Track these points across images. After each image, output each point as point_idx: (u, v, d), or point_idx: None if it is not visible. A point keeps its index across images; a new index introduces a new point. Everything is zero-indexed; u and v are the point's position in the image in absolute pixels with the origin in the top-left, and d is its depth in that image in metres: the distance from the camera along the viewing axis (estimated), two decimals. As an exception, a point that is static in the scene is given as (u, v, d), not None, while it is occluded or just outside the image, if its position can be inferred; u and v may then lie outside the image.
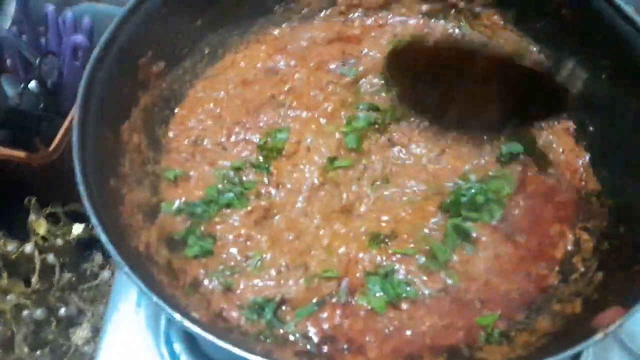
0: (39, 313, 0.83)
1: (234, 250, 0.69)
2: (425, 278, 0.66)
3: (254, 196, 0.73)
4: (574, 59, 0.70)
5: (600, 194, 0.70)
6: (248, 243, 0.70)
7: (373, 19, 0.88)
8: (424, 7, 0.86)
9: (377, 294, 0.65)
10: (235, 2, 0.81)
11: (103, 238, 0.53)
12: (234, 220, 0.71)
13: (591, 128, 0.75)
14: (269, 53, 0.85)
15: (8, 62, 1.03)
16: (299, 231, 0.71)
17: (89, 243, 0.98)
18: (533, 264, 0.67)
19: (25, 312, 0.83)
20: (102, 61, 0.66)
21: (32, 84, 0.97)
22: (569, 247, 0.68)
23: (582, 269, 0.65)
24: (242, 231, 0.70)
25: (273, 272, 0.67)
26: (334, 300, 0.65)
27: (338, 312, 0.64)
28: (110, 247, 0.53)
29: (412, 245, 0.69)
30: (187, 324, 0.50)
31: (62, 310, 0.86)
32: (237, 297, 0.66)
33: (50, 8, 1.00)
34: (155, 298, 0.50)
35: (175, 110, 0.79)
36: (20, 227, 0.95)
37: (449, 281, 0.66)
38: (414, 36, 0.83)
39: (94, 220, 0.54)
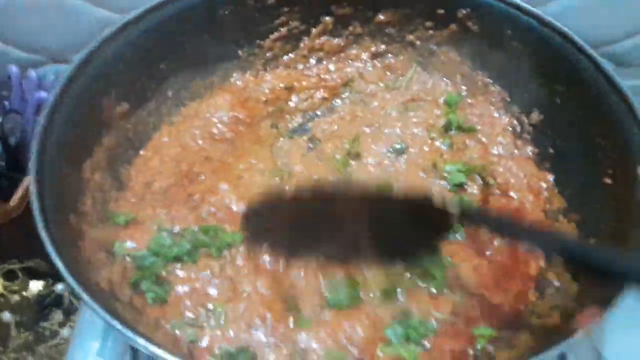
0: (-9, 374, 0.77)
1: (189, 302, 0.66)
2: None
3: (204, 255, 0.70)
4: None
5: (567, 210, 0.71)
6: (206, 295, 0.66)
7: (332, 65, 0.91)
8: (382, 47, 0.89)
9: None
10: (198, 47, 0.83)
11: (61, 268, 0.50)
12: (186, 273, 0.68)
13: (551, 150, 0.76)
14: (233, 104, 0.85)
15: (-31, 121, 1.01)
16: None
17: (47, 301, 0.94)
18: (510, 279, 0.66)
19: (-24, 374, 0.77)
20: (63, 98, 0.65)
21: (-6, 143, 0.96)
22: (542, 264, 0.67)
23: (557, 283, 0.64)
24: (197, 284, 0.67)
25: (243, 326, 0.64)
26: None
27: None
28: (69, 279, 0.50)
29: None
30: (154, 349, 0.47)
31: (18, 371, 0.80)
32: (205, 350, 0.62)
33: (14, 68, 1.00)
34: (119, 326, 0.47)
35: (140, 152, 0.77)
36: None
37: (456, 298, 0.65)
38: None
39: (51, 251, 0.51)
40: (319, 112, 0.88)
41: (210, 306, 0.65)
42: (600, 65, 0.70)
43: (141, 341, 0.48)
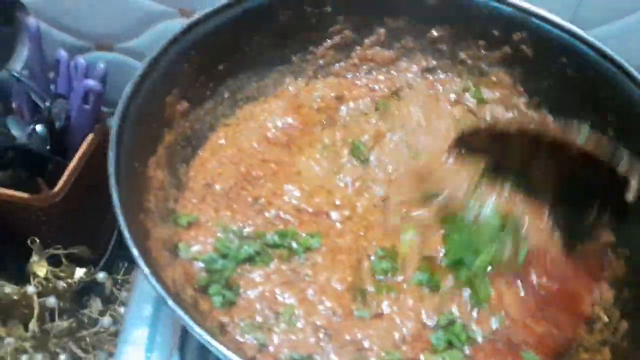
0: (39, 357, 0.79)
1: (259, 305, 0.67)
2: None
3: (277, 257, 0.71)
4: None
5: (615, 245, 0.72)
6: (276, 298, 0.68)
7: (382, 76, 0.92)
8: (433, 63, 0.91)
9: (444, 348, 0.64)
10: (257, 50, 0.84)
11: (146, 271, 0.52)
12: (256, 277, 0.70)
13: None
14: (286, 109, 0.87)
15: (14, 104, 1.02)
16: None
17: (86, 289, 0.95)
18: (560, 311, 0.67)
19: (24, 357, 0.78)
20: (134, 98, 0.67)
21: (40, 127, 0.97)
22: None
23: (606, 319, 0.66)
24: (267, 287, 0.68)
25: (309, 330, 0.65)
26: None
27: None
28: (152, 280, 0.51)
29: None
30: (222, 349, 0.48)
31: (62, 357, 0.82)
32: (271, 355, 0.63)
33: (63, 53, 1.01)
34: (197, 329, 0.49)
35: (198, 152, 0.79)
36: (14, 269, 0.92)
37: (494, 323, 0.67)
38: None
39: (134, 252, 0.53)
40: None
41: (280, 309, 0.66)
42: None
43: (211, 340, 0.49)
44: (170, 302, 0.50)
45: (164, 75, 0.72)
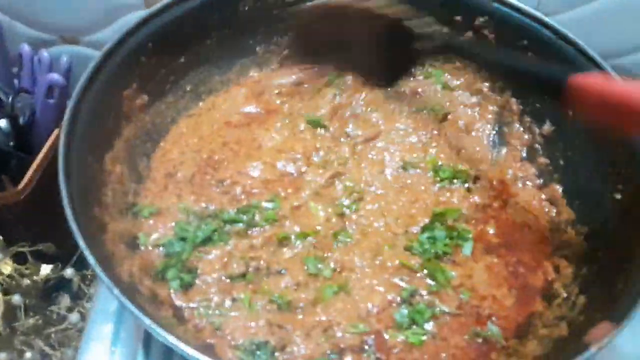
0: (3, 357, 0.78)
1: (215, 289, 0.67)
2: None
3: (235, 234, 0.71)
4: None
5: (575, 222, 0.73)
6: (232, 283, 0.67)
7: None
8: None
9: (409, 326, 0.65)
10: (218, 42, 0.83)
11: (91, 261, 0.51)
12: (214, 257, 0.69)
13: (562, 162, 0.78)
14: (247, 97, 0.86)
15: (-23, 100, 1.01)
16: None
17: (54, 286, 0.94)
18: (518, 284, 0.68)
19: (-12, 356, 0.77)
20: (88, 91, 0.66)
21: (3, 122, 0.95)
22: (549, 277, 0.69)
23: (565, 294, 0.66)
24: (224, 271, 0.68)
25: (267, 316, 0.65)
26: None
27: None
28: (98, 270, 0.51)
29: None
30: (181, 346, 0.48)
31: (28, 354, 0.81)
32: (227, 339, 0.63)
33: (26, 48, 1.00)
34: (148, 321, 0.49)
35: (160, 144, 0.78)
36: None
37: (462, 297, 0.67)
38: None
39: (81, 243, 0.52)
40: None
41: (235, 294, 0.66)
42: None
43: (171, 339, 0.49)
44: (116, 292, 0.50)
45: (120, 69, 0.71)
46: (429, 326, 0.65)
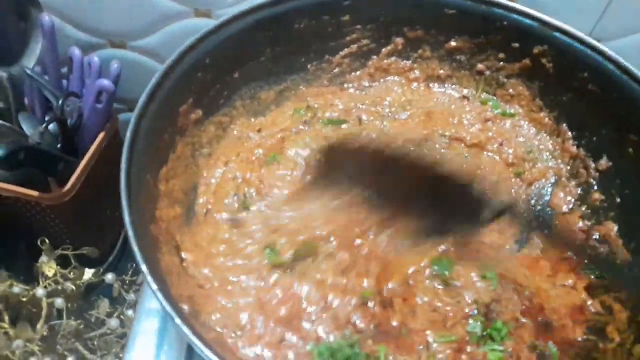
0: (46, 361, 0.79)
1: None
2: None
3: None
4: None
5: (633, 265, 0.71)
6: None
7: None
8: (450, 72, 0.89)
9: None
10: (272, 59, 0.83)
11: (154, 287, 0.51)
12: None
13: (618, 200, 0.77)
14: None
15: (26, 100, 1.02)
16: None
17: (93, 288, 0.95)
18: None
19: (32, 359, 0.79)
20: (148, 106, 0.66)
21: (52, 125, 0.96)
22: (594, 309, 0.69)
23: (618, 340, 0.65)
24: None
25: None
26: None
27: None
28: (160, 297, 0.51)
29: None
30: None
31: (70, 359, 0.82)
32: None
33: (76, 51, 1.01)
34: (209, 354, 0.48)
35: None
36: (23, 267, 0.92)
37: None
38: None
39: (143, 267, 0.52)
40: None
41: None
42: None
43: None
44: (177, 320, 0.50)
45: (179, 84, 0.71)
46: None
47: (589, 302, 0.70)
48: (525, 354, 0.66)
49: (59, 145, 0.96)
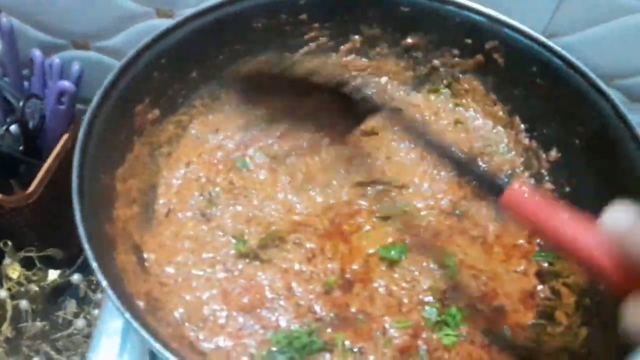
0: (10, 363, 0.79)
1: None
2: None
3: None
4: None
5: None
6: None
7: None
8: (410, 74, 0.91)
9: None
10: (231, 58, 0.84)
11: (103, 283, 0.52)
12: None
13: (568, 189, 0.79)
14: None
15: (-14, 103, 1.02)
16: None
17: (60, 290, 0.96)
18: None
19: (-5, 362, 0.79)
20: (102, 106, 0.67)
21: (13, 127, 0.96)
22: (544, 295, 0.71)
23: (566, 323, 0.67)
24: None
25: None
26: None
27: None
28: (110, 294, 0.52)
29: None
30: None
31: (35, 360, 0.82)
32: None
33: (37, 52, 1.01)
34: (160, 349, 0.49)
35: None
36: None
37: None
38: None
39: (94, 264, 0.53)
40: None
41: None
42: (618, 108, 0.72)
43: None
44: (128, 316, 0.51)
45: (134, 84, 0.71)
46: None
47: (539, 288, 0.73)
48: (479, 339, 0.68)
49: (21, 148, 0.96)
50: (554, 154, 0.81)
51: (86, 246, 0.54)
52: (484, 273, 0.73)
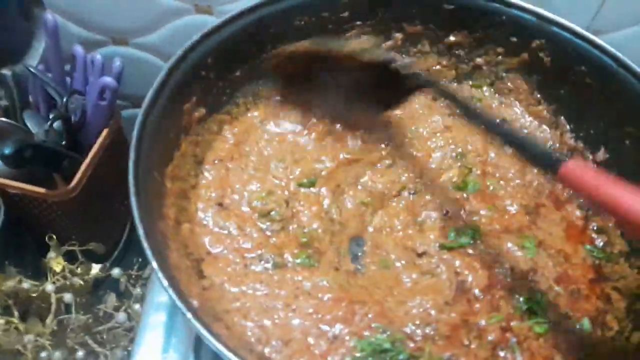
0: (57, 355, 0.81)
1: None
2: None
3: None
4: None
5: (629, 255, 0.73)
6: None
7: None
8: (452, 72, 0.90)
9: None
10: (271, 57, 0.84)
11: (164, 283, 0.53)
12: None
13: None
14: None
15: (31, 98, 1.03)
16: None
17: (101, 284, 0.97)
18: None
19: (43, 354, 0.80)
20: (153, 106, 0.67)
21: (56, 123, 0.98)
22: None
23: (617, 328, 0.67)
24: None
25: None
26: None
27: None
28: (172, 293, 0.52)
29: None
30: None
31: (80, 353, 0.84)
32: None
33: (79, 49, 1.02)
34: (219, 346, 0.50)
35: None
36: (31, 263, 0.94)
37: None
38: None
39: (154, 264, 0.54)
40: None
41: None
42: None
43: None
44: (189, 316, 0.51)
45: (183, 83, 0.72)
46: None
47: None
48: (563, 326, 0.67)
49: (63, 142, 0.98)
50: (601, 154, 0.80)
51: (145, 244, 0.55)
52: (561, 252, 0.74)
